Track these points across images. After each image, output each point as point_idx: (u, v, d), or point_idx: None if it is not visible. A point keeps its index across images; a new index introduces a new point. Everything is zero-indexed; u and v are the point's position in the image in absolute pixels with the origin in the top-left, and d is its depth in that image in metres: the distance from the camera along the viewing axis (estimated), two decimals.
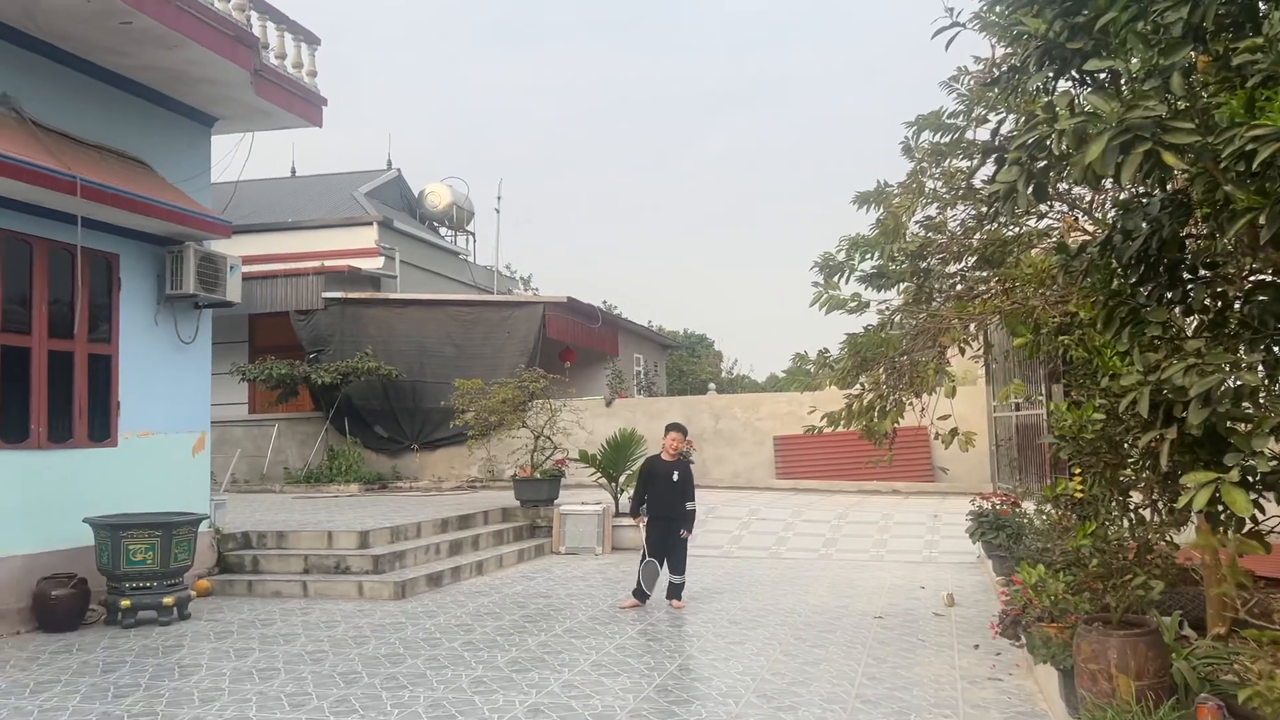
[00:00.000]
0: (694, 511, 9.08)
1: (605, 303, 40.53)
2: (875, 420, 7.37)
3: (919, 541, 12.53)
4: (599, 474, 13.69)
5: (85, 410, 8.77)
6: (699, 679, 6.30)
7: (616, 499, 13.55)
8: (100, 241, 8.91)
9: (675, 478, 9.00)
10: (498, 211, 28.45)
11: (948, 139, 7.65)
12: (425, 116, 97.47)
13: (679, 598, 8.90)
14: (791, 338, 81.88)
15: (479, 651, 7.07)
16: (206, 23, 8.73)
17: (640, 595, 8.90)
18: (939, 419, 7.36)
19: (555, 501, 13.61)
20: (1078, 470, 4.96)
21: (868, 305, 7.38)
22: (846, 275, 7.35)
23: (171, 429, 9.74)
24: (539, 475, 13.82)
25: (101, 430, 8.95)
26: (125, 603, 7.99)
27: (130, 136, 9.34)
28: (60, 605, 7.88)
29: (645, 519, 9.16)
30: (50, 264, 8.48)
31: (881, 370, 7.80)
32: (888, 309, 7.80)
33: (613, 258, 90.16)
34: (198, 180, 10.12)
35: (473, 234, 28.58)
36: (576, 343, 21.81)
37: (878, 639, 7.47)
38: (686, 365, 40.64)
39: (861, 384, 7.70)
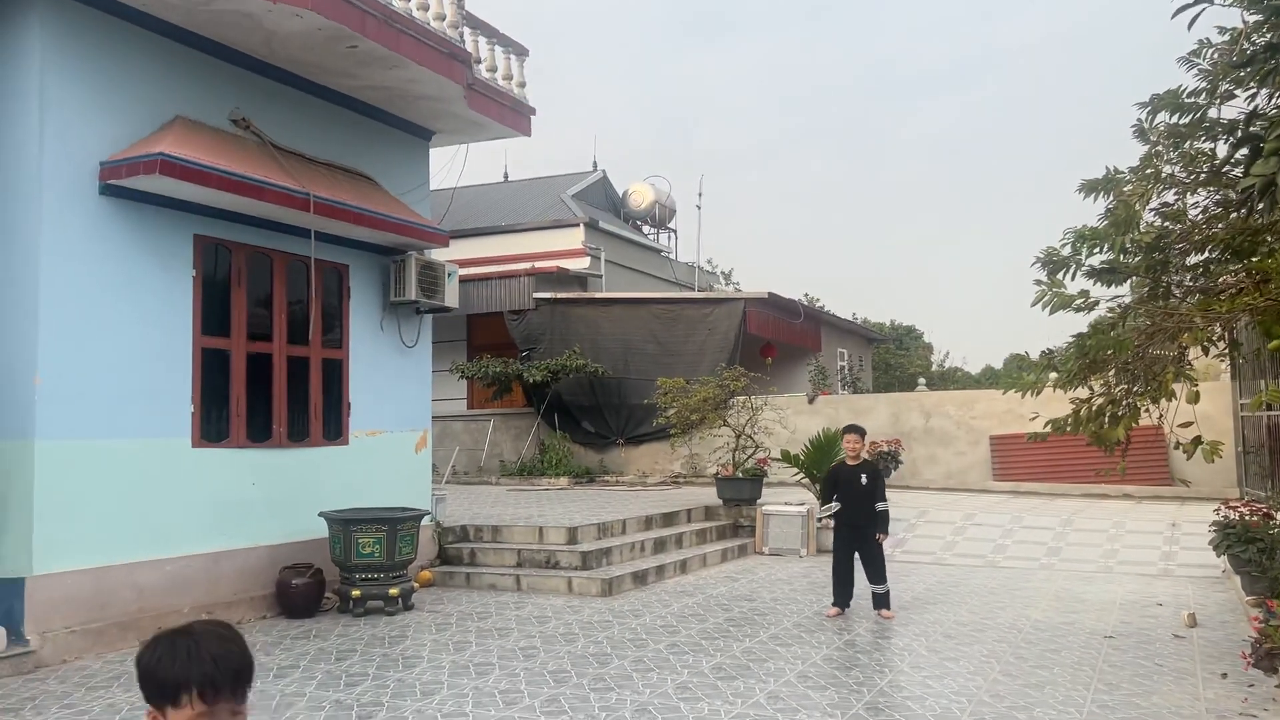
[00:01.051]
0: (886, 512, 8.71)
1: (807, 295, 40.01)
2: (1106, 427, 6.83)
3: (1154, 553, 11.60)
4: (802, 474, 13.49)
5: (320, 411, 9.42)
6: (911, 698, 6.05)
7: (820, 500, 13.30)
8: (331, 253, 9.54)
9: (864, 481, 8.69)
10: (699, 208, 28.58)
11: (1187, 119, 6.98)
12: (628, 114, 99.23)
13: (887, 607, 8.60)
14: (1009, 328, 78.00)
15: (684, 655, 7.08)
16: (424, 42, 9.16)
17: (841, 602, 8.67)
18: (1180, 426, 6.74)
19: (758, 501, 13.51)
20: None
21: (1097, 303, 6.84)
22: (1072, 271, 6.84)
23: (397, 428, 10.32)
24: (741, 474, 13.76)
25: (334, 430, 9.59)
26: (356, 592, 8.53)
27: (356, 153, 9.95)
28: (299, 593, 8.50)
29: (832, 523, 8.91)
30: (288, 276, 9.15)
31: (1111, 372, 7.23)
32: (1119, 306, 7.22)
33: (816, 248, 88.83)
34: (417, 192, 10.66)
35: (674, 231, 28.87)
36: (778, 338, 21.59)
37: (1109, 662, 6.95)
38: (894, 358, 39.51)
39: (1090, 387, 7.16)
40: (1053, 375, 7.46)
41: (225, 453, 8.47)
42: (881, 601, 8.63)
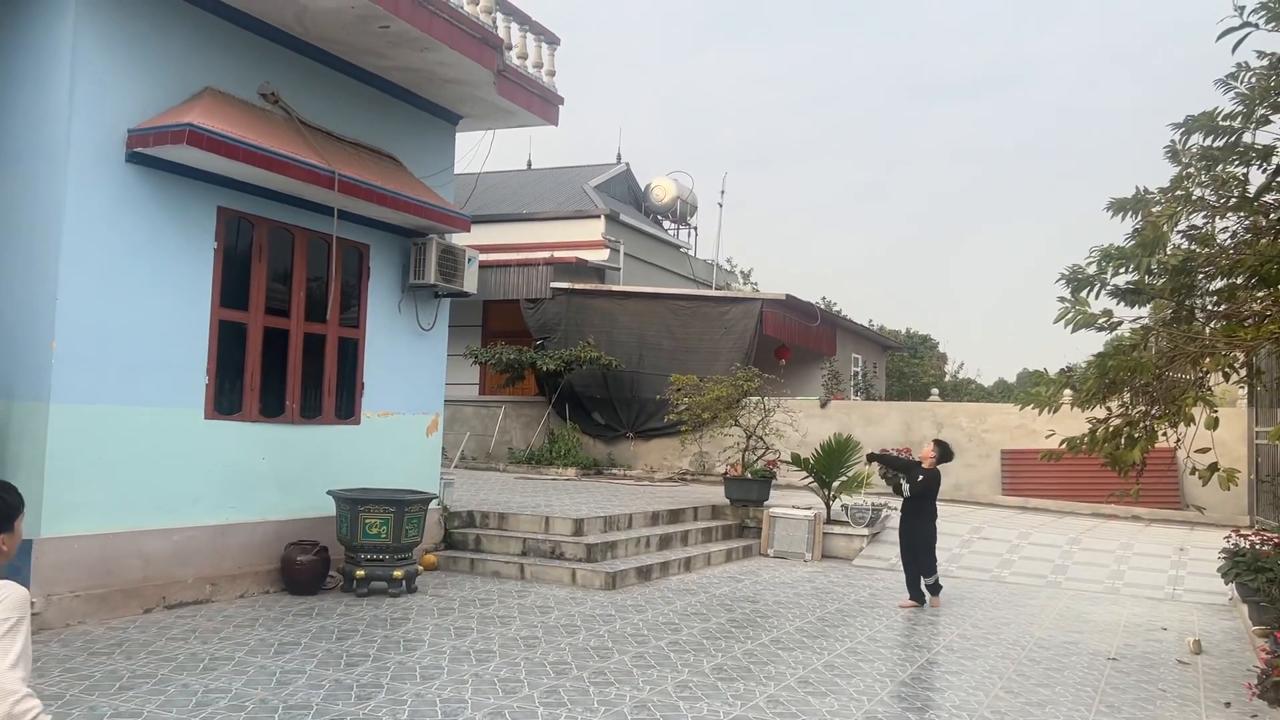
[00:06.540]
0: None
1: (824, 299, 39.85)
2: (1122, 449, 6.77)
3: (1161, 576, 11.53)
4: (811, 478, 13.44)
5: (334, 389, 9.42)
6: (911, 709, 6.02)
7: (829, 505, 13.26)
8: (353, 232, 9.53)
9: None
10: (720, 206, 28.39)
11: (1221, 143, 6.91)
12: (652, 109, 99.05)
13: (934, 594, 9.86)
14: (1023, 341, 77.65)
15: (685, 654, 7.07)
16: (456, 25, 9.14)
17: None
18: (1197, 451, 6.68)
19: (765, 503, 13.47)
20: None
21: (1120, 324, 6.79)
22: (1097, 290, 6.79)
23: (409, 410, 10.32)
24: (750, 475, 13.73)
25: (347, 409, 9.60)
26: (360, 572, 8.54)
27: (382, 133, 9.93)
28: (304, 570, 8.51)
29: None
30: (309, 252, 9.15)
31: (1127, 394, 7.17)
32: (1141, 328, 7.16)
33: (834, 251, 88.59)
34: (441, 175, 10.65)
35: (694, 228, 28.81)
36: (793, 340, 21.52)
37: (1112, 684, 6.90)
38: (908, 367, 39.33)
39: (1108, 408, 7.10)
40: (1067, 393, 7.40)
41: (237, 426, 8.47)
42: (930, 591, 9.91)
